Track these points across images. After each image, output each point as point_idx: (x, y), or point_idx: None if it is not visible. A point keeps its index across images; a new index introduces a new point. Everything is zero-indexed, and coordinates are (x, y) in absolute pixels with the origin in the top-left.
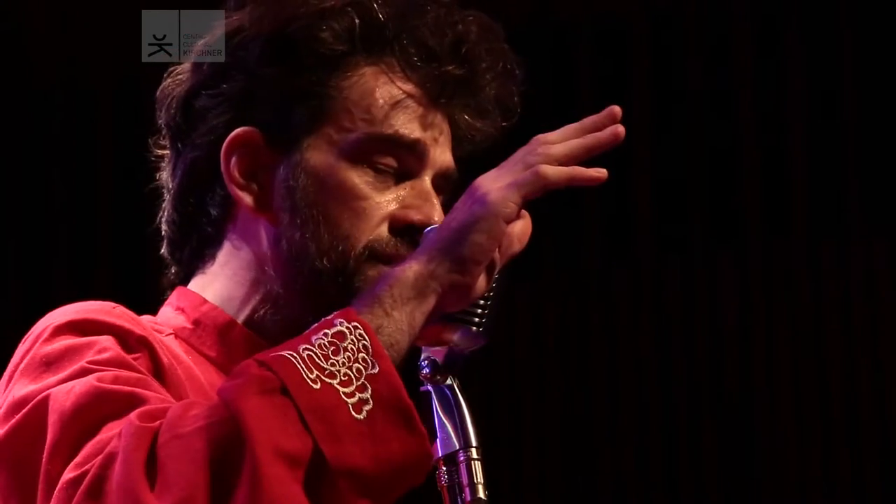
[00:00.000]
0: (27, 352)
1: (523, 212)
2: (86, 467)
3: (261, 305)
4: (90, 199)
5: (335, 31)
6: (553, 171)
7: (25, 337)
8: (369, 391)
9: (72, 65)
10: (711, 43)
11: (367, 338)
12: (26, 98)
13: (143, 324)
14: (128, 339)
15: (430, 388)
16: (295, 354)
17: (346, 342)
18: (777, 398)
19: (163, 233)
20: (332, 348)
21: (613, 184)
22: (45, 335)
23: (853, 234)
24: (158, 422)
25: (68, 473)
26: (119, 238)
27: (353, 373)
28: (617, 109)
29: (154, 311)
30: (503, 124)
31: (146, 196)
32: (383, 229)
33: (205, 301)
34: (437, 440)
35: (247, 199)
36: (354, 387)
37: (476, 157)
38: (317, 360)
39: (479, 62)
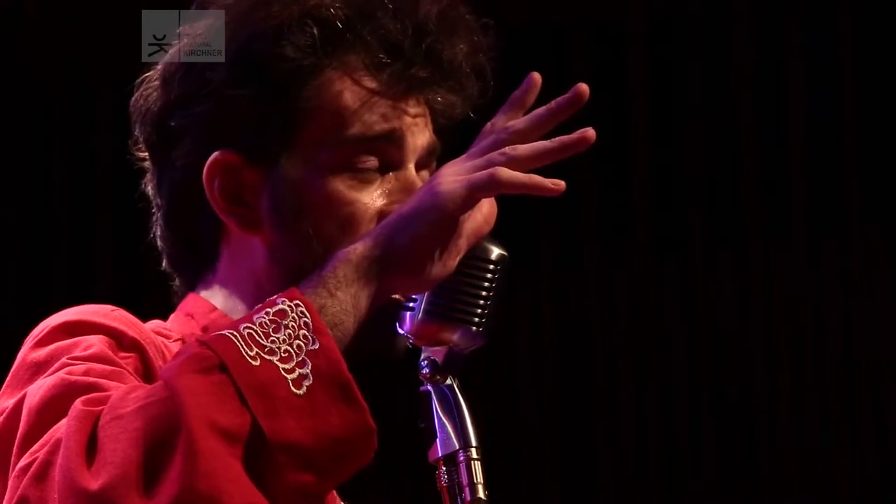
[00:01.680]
0: (21, 355)
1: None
2: (36, 455)
3: None
4: (90, 199)
5: (296, 45)
6: (509, 176)
7: (27, 338)
8: (309, 367)
9: (72, 65)
10: (711, 44)
11: (308, 315)
12: (26, 98)
13: (142, 327)
14: (121, 340)
15: (429, 388)
16: (235, 333)
17: (287, 320)
18: (777, 398)
19: (159, 248)
20: (273, 326)
21: (613, 184)
22: (40, 337)
23: (853, 234)
24: (102, 406)
25: (22, 462)
26: (119, 239)
27: (293, 349)
28: (584, 87)
29: (156, 312)
30: (480, 93)
31: (146, 197)
32: None
33: (214, 308)
34: (437, 440)
35: (234, 221)
36: (294, 363)
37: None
38: (257, 337)
39: (445, 49)
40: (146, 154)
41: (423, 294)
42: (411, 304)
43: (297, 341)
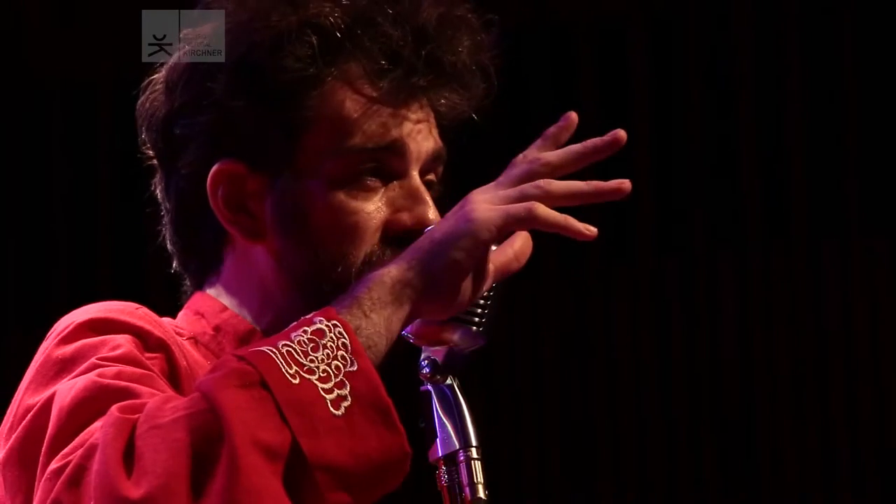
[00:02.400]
0: (46, 349)
1: (523, 232)
2: (69, 458)
3: (271, 325)
4: (90, 198)
5: (297, 56)
6: (546, 214)
7: (49, 332)
8: (348, 388)
9: (72, 64)
10: (711, 43)
11: (346, 336)
12: (26, 97)
13: (166, 326)
14: (147, 340)
15: (430, 387)
16: (274, 350)
17: (326, 339)
18: (777, 398)
19: (169, 250)
20: (312, 345)
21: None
22: (65, 333)
23: (853, 234)
24: (138, 414)
25: (54, 464)
26: (119, 238)
27: (331, 369)
28: (622, 134)
29: (157, 311)
30: (485, 93)
31: (146, 197)
32: (377, 240)
33: (225, 308)
34: (438, 440)
35: (238, 230)
36: (333, 383)
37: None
38: (296, 355)
39: (446, 54)
40: (153, 156)
41: None
42: None
43: (336, 362)
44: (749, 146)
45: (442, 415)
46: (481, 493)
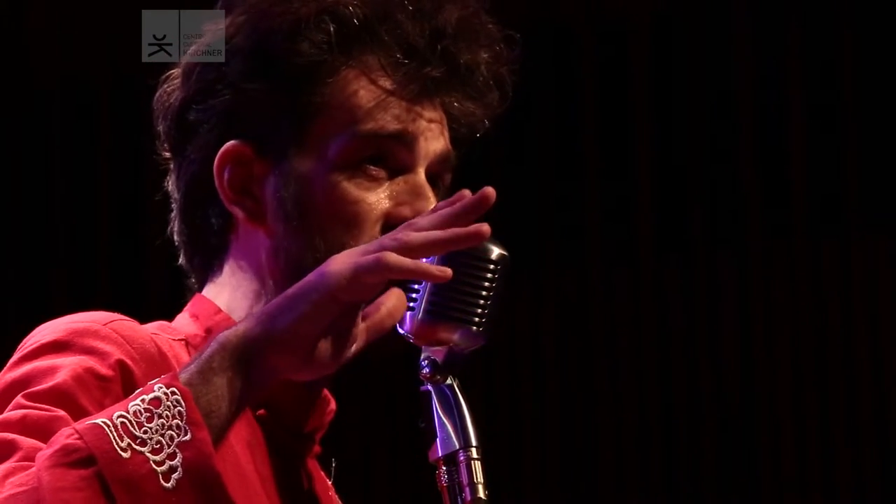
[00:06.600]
0: (11, 363)
1: (396, 289)
2: None
3: None
4: (90, 199)
5: (313, 41)
6: (396, 260)
7: (25, 339)
8: (179, 458)
9: (72, 65)
10: (711, 43)
11: (182, 404)
12: (26, 98)
13: (136, 339)
14: (103, 360)
15: (430, 387)
16: (108, 422)
17: (161, 408)
18: (777, 398)
19: (175, 243)
20: (147, 415)
21: (614, 183)
22: (29, 350)
23: (853, 234)
24: None
25: None
26: (118, 238)
27: (165, 440)
28: (490, 191)
29: (154, 311)
30: (499, 103)
31: (145, 197)
32: (377, 231)
33: (219, 310)
34: (437, 440)
35: (241, 212)
36: (165, 454)
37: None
38: (130, 427)
39: (462, 53)
40: (168, 151)
41: (423, 293)
42: (411, 304)
43: (170, 431)
44: (749, 146)
45: (442, 415)
46: (481, 494)
